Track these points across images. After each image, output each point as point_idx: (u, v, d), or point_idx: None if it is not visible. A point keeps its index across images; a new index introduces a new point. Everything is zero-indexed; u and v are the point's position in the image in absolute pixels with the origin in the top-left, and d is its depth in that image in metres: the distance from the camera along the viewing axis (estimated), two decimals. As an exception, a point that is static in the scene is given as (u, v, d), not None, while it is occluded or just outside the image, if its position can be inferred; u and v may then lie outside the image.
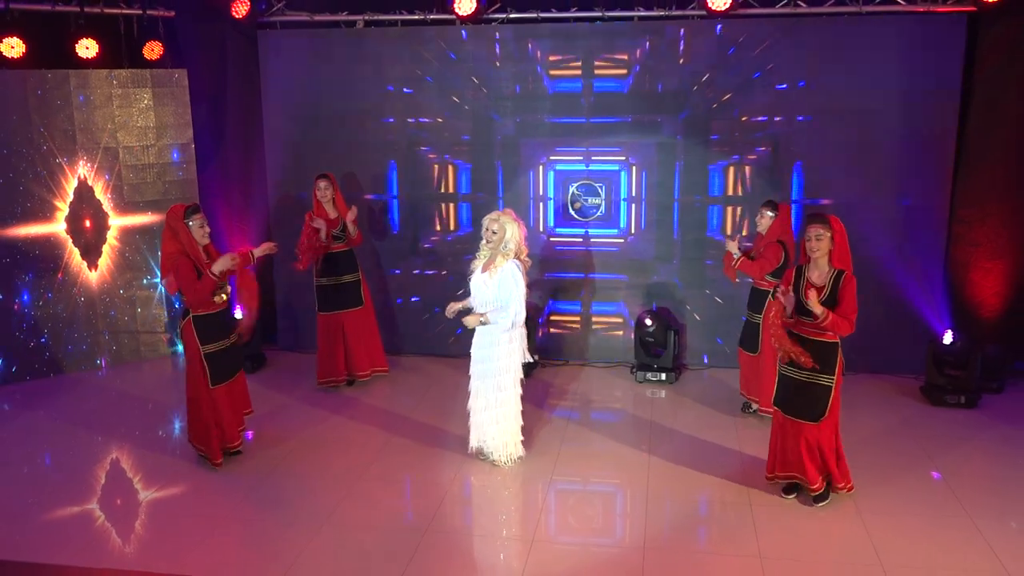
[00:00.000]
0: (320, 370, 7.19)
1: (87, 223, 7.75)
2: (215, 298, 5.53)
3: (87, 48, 7.68)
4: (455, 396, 6.51)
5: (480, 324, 5.57)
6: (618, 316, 7.91)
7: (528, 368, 7.37)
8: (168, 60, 8.09)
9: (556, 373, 7.69)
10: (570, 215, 7.78)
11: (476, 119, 7.77)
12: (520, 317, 5.54)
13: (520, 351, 5.73)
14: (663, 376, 7.33)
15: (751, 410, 6.55)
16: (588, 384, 7.45)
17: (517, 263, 5.54)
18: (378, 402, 6.98)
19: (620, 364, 7.80)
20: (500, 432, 5.74)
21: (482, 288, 5.58)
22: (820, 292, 4.89)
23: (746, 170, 7.44)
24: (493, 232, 5.51)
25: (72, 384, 7.50)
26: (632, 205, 7.72)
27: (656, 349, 7.38)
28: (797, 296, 4.93)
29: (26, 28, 7.44)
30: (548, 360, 7.93)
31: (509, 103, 7.68)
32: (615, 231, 7.79)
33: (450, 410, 6.61)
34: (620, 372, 7.68)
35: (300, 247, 6.85)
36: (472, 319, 5.58)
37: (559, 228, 7.87)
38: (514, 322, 5.51)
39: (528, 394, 6.96)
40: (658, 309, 7.53)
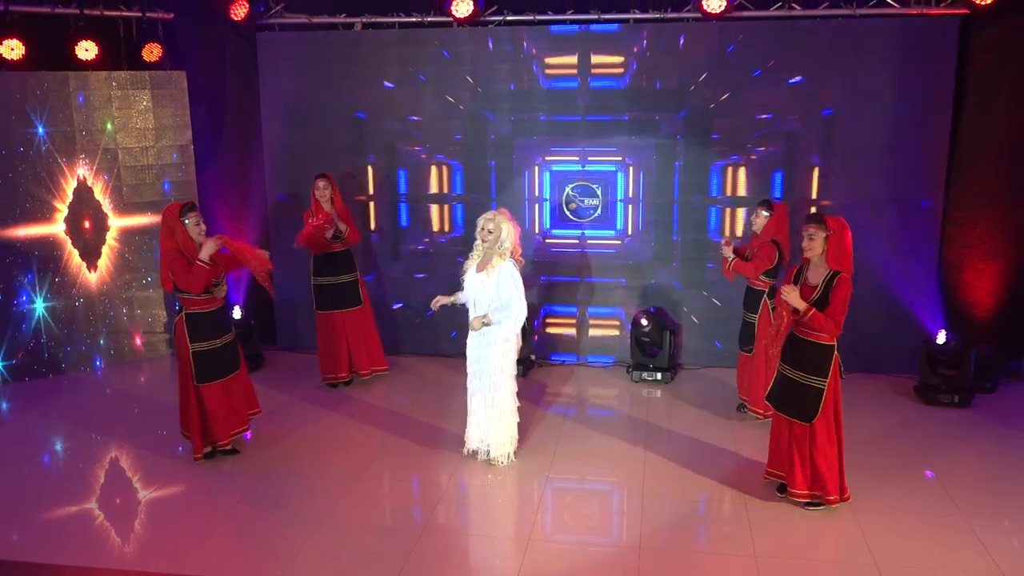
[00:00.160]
0: (324, 367, 7.28)
1: (86, 224, 7.78)
2: (211, 292, 5.53)
3: (86, 50, 7.70)
4: (452, 396, 6.56)
5: (484, 325, 5.57)
6: (615, 319, 7.93)
7: (524, 368, 7.45)
8: (167, 62, 8.11)
9: (552, 373, 7.73)
10: (566, 216, 7.82)
11: (470, 118, 7.78)
12: (523, 315, 5.58)
13: (516, 350, 5.77)
14: (659, 376, 7.37)
15: (744, 410, 6.60)
16: (584, 383, 7.49)
17: (512, 262, 5.59)
18: (376, 401, 7.02)
19: (616, 364, 7.85)
20: (496, 431, 5.77)
21: (479, 287, 5.60)
22: (813, 291, 4.93)
23: (745, 170, 7.46)
24: (489, 231, 5.54)
25: (71, 384, 7.53)
26: (629, 206, 7.75)
27: (652, 349, 7.42)
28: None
29: (26, 30, 7.46)
30: (544, 360, 7.97)
31: (504, 104, 7.69)
32: (612, 232, 7.81)
33: (447, 409, 6.65)
34: (616, 372, 7.72)
35: (309, 238, 6.88)
36: (476, 322, 5.57)
37: (555, 229, 7.89)
38: (517, 320, 5.55)
39: (524, 393, 7.00)
40: (654, 309, 7.56)
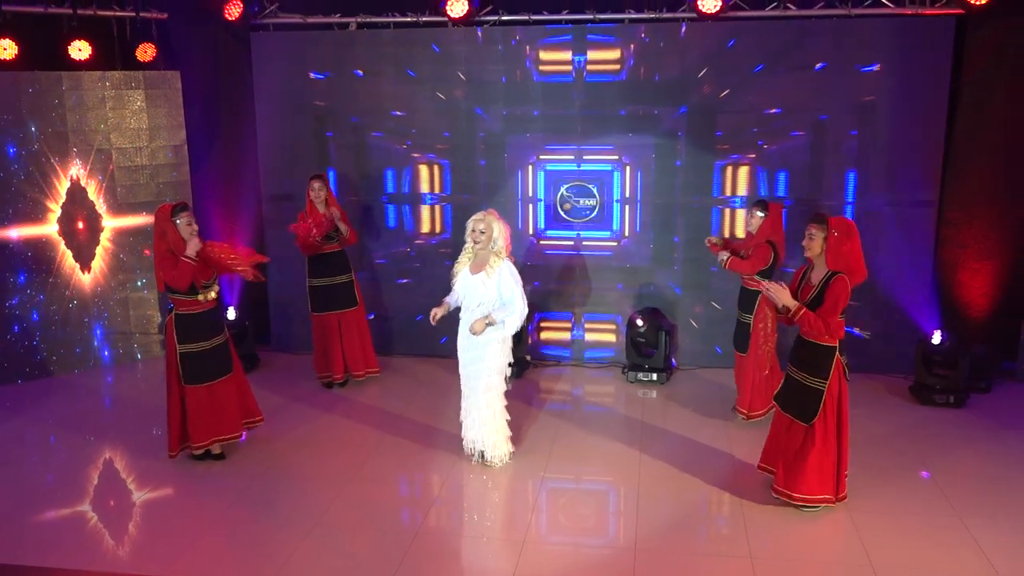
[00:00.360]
0: (318, 366, 7.30)
1: (80, 224, 7.75)
2: (202, 296, 5.50)
3: (80, 50, 7.67)
4: (446, 396, 6.55)
5: (489, 326, 5.51)
6: (611, 323, 7.90)
7: (520, 368, 7.44)
8: (161, 62, 8.08)
9: (548, 373, 7.72)
10: (560, 217, 7.78)
11: (460, 115, 7.74)
12: (525, 312, 5.57)
13: (509, 350, 5.76)
14: (654, 376, 7.37)
15: (734, 410, 6.60)
16: (579, 384, 7.49)
17: (509, 261, 5.59)
18: (371, 402, 7.00)
19: (611, 365, 7.84)
20: (491, 432, 5.76)
21: (479, 289, 5.56)
22: (812, 291, 4.93)
23: (748, 169, 7.42)
24: (481, 232, 5.52)
25: (65, 386, 7.50)
26: (626, 207, 7.70)
27: (647, 350, 7.42)
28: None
29: (19, 30, 7.42)
30: (539, 360, 7.96)
31: (496, 99, 7.64)
32: (608, 233, 7.78)
33: (442, 410, 6.64)
34: (612, 372, 7.71)
35: (304, 240, 6.88)
36: (479, 324, 5.50)
37: (549, 231, 7.86)
38: (520, 317, 5.54)
39: (520, 394, 7.03)
40: (650, 310, 7.55)
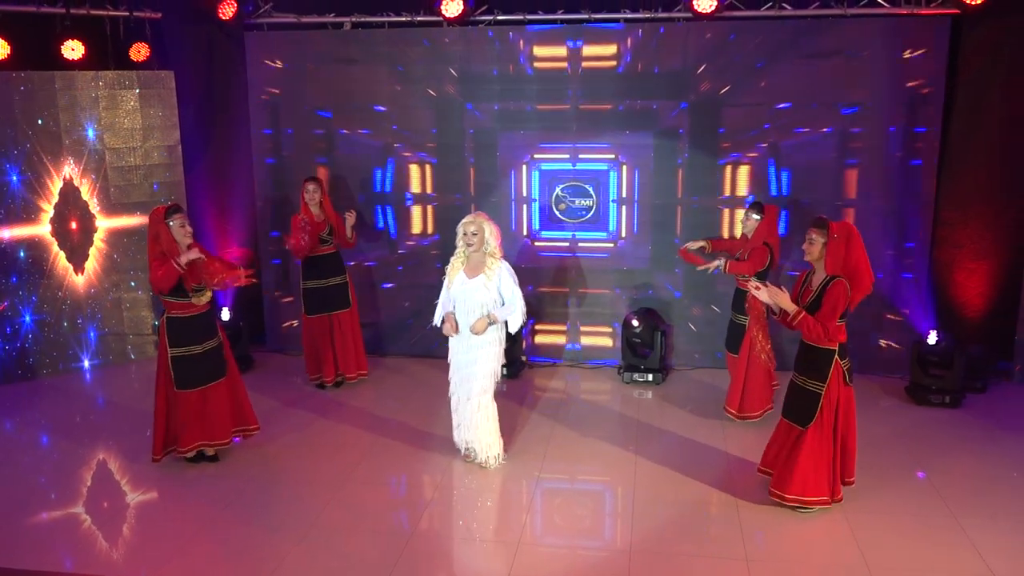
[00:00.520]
0: (310, 368, 7.27)
1: (73, 225, 7.72)
2: (194, 299, 5.46)
3: (73, 50, 7.64)
4: (440, 398, 6.50)
5: (491, 324, 5.51)
6: (607, 326, 7.87)
7: (515, 369, 7.43)
8: (155, 62, 8.05)
9: (543, 374, 7.71)
10: (556, 217, 7.75)
11: (452, 112, 7.71)
12: (524, 310, 5.59)
13: (503, 353, 5.75)
14: (650, 377, 7.35)
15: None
16: (575, 384, 7.47)
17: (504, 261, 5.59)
18: (363, 404, 6.97)
19: (607, 365, 7.82)
20: (485, 433, 5.74)
21: (480, 292, 5.52)
22: (809, 295, 4.92)
23: (749, 168, 7.39)
24: (473, 234, 5.49)
25: (58, 387, 7.47)
26: (623, 207, 7.67)
27: (643, 350, 7.40)
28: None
29: (11, 30, 7.39)
30: (535, 361, 7.94)
31: (488, 95, 7.61)
32: (604, 234, 7.74)
33: (435, 412, 6.62)
34: (607, 373, 7.70)
35: (295, 246, 6.85)
36: (480, 323, 5.48)
37: (544, 231, 7.82)
38: (522, 315, 5.55)
39: (515, 394, 7.02)
40: (645, 310, 7.54)
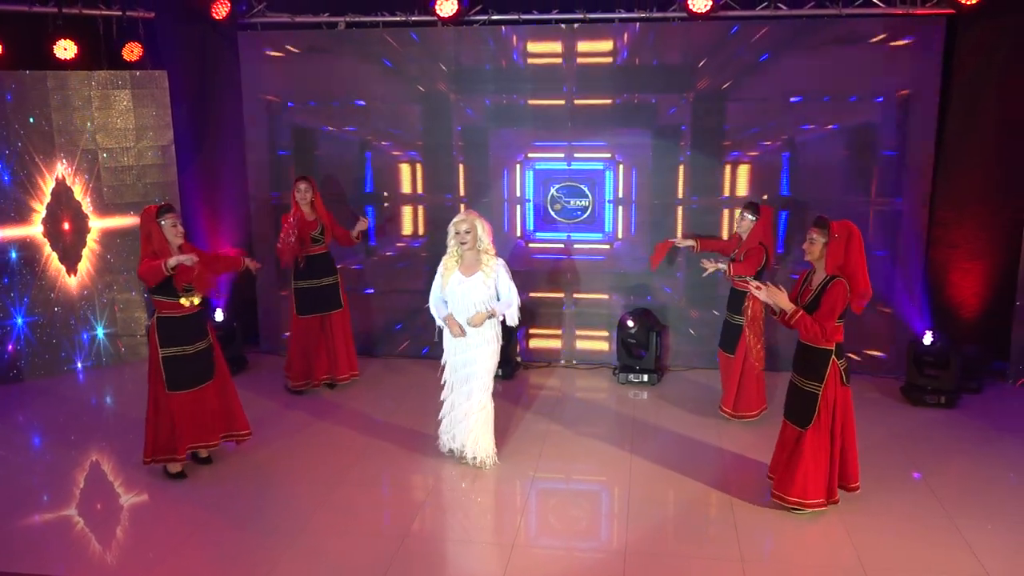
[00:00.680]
0: (295, 373, 7.09)
1: (66, 225, 7.68)
2: (185, 300, 5.38)
3: (65, 49, 7.59)
4: (433, 399, 6.46)
5: (490, 317, 5.51)
6: (603, 330, 7.82)
7: (510, 369, 7.40)
8: (148, 61, 8.02)
9: (537, 375, 7.68)
10: (551, 217, 7.71)
11: (443, 109, 7.67)
12: (520, 304, 5.62)
13: (499, 350, 5.74)
14: (645, 378, 7.33)
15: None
16: (569, 385, 7.44)
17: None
18: (357, 406, 6.94)
19: (602, 366, 7.79)
20: (483, 434, 5.73)
21: (479, 289, 5.50)
22: (809, 294, 4.90)
23: (749, 167, 7.35)
24: (466, 232, 5.47)
25: (50, 389, 7.41)
26: (619, 207, 7.62)
27: (638, 351, 7.38)
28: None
29: (3, 29, 7.35)
30: (530, 362, 7.92)
31: (484, 95, 7.58)
32: (599, 235, 7.69)
33: (429, 413, 6.54)
34: (603, 374, 7.67)
35: (282, 245, 6.79)
36: (479, 318, 5.47)
37: (538, 232, 7.78)
38: (518, 310, 5.57)
39: (510, 395, 7.00)
40: (640, 311, 7.51)
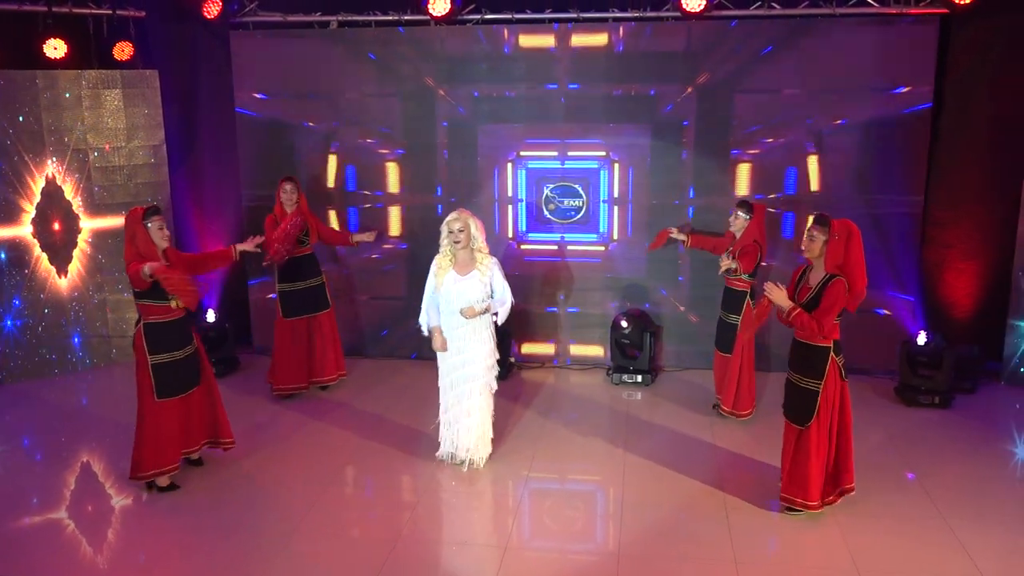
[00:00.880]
0: (280, 377, 6.99)
1: (56, 226, 7.62)
2: (174, 303, 5.27)
3: (55, 48, 7.55)
4: (425, 399, 6.46)
5: (484, 312, 5.50)
6: (598, 334, 7.76)
7: (505, 370, 7.37)
8: (139, 61, 7.97)
9: (531, 375, 7.65)
10: (544, 217, 7.67)
11: (434, 106, 7.63)
12: (512, 301, 5.63)
13: (495, 347, 5.72)
14: (639, 378, 7.31)
15: (718, 408, 6.58)
16: (563, 386, 7.42)
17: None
18: (348, 407, 6.90)
19: (596, 367, 7.77)
20: (480, 434, 5.71)
21: (475, 288, 5.48)
22: (809, 292, 4.88)
23: (751, 166, 7.31)
24: (459, 231, 5.44)
25: (39, 392, 7.36)
26: (615, 207, 7.56)
27: (632, 351, 7.36)
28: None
29: (-8, 28, 7.33)
30: (524, 363, 7.89)
31: (471, 84, 7.53)
32: (594, 236, 7.64)
33: (421, 413, 6.55)
34: (597, 374, 7.65)
35: (274, 240, 6.65)
36: (470, 311, 5.45)
37: (531, 233, 7.74)
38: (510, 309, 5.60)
39: (504, 395, 6.96)
40: (635, 311, 7.49)
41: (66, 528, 5.10)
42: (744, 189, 7.34)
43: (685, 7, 6.92)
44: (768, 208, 6.95)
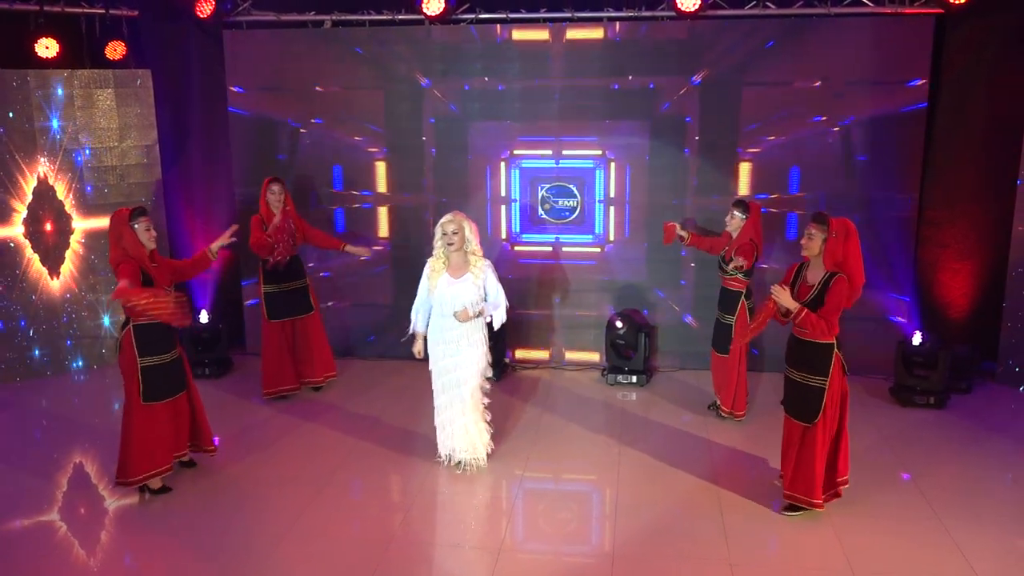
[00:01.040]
0: (268, 380, 6.95)
1: (48, 226, 7.58)
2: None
3: (47, 48, 7.52)
4: (419, 399, 6.43)
5: (476, 316, 5.47)
6: (593, 338, 7.74)
7: (499, 371, 7.34)
8: (131, 60, 7.94)
9: (526, 376, 7.63)
10: (539, 218, 7.63)
11: (427, 103, 7.60)
12: (507, 305, 5.60)
13: (488, 351, 5.69)
14: (634, 379, 7.29)
15: (716, 409, 6.56)
16: (558, 387, 7.39)
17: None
18: (338, 408, 6.86)
19: (591, 367, 7.74)
20: (477, 435, 5.68)
21: (468, 291, 5.46)
22: (810, 291, 4.86)
23: (751, 166, 7.27)
24: (454, 233, 5.42)
25: (31, 393, 7.31)
26: (610, 207, 7.52)
27: (627, 351, 7.34)
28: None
29: (-16, 27, 7.29)
30: (519, 363, 7.86)
31: (465, 87, 7.51)
32: (589, 237, 7.59)
33: (415, 414, 6.54)
34: (591, 375, 7.63)
35: (269, 239, 6.62)
36: (463, 314, 5.42)
37: (525, 234, 7.71)
38: (505, 311, 5.57)
39: (500, 397, 6.91)
40: (629, 311, 7.47)
41: (58, 530, 5.06)
42: (745, 189, 7.32)
43: (680, 6, 6.89)
44: (763, 207, 6.93)
